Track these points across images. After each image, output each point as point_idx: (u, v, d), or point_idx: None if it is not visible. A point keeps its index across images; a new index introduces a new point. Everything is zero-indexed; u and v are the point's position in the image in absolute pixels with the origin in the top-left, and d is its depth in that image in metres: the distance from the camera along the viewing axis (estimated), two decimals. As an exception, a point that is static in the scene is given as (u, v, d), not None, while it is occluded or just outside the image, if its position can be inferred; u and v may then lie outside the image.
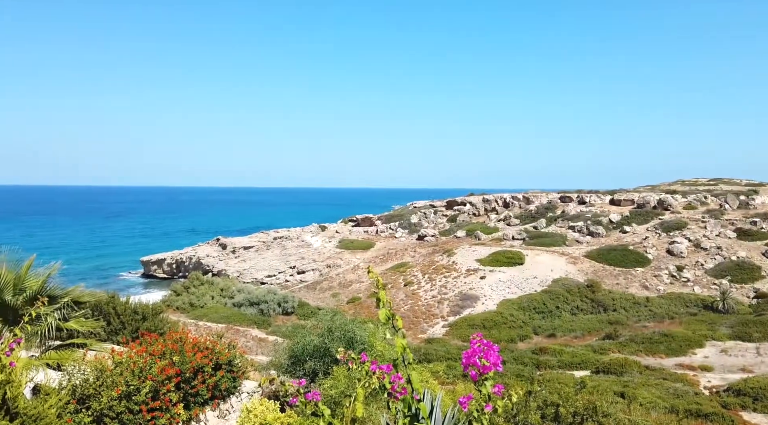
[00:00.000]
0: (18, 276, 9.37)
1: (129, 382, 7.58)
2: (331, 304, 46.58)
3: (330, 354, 10.23)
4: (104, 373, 7.74)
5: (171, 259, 65.08)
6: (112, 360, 8.37)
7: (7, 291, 8.82)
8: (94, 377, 7.53)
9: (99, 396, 7.15)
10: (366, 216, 79.31)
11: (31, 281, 9.25)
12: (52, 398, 6.63)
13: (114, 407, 7.17)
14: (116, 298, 16.06)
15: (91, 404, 7.07)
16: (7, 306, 8.73)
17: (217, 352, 9.34)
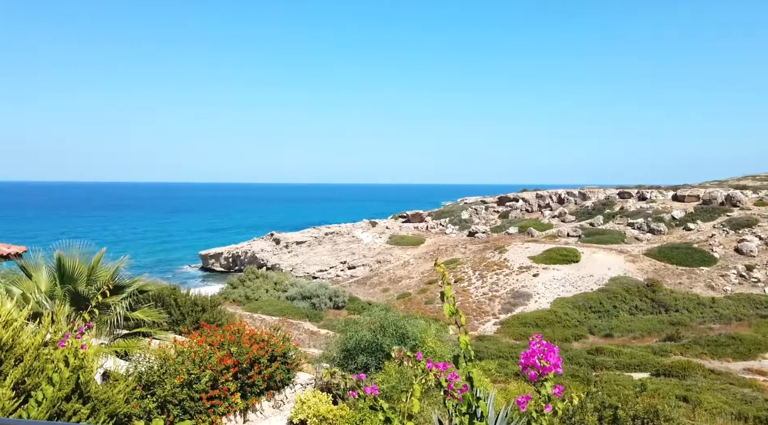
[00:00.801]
0: (90, 268, 9.95)
1: (190, 371, 7.90)
2: (381, 299, 46.86)
3: (382, 350, 10.30)
4: (167, 362, 8.10)
5: (228, 253, 67.29)
6: (175, 350, 8.74)
7: (81, 282, 9.39)
8: (158, 365, 7.90)
9: (163, 384, 7.50)
10: (416, 212, 79.20)
11: (101, 272, 9.81)
12: (120, 384, 7.01)
13: (176, 394, 7.50)
14: (177, 290, 16.79)
15: (155, 390, 7.42)
16: (80, 296, 9.28)
17: (273, 344, 9.59)
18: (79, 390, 6.45)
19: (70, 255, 9.70)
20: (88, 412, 6.31)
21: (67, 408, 6.20)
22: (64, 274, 9.57)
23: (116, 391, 6.70)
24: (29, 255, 12.21)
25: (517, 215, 72.88)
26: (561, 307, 40.79)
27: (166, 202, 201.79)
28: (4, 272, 9.92)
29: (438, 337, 11.81)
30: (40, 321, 7.54)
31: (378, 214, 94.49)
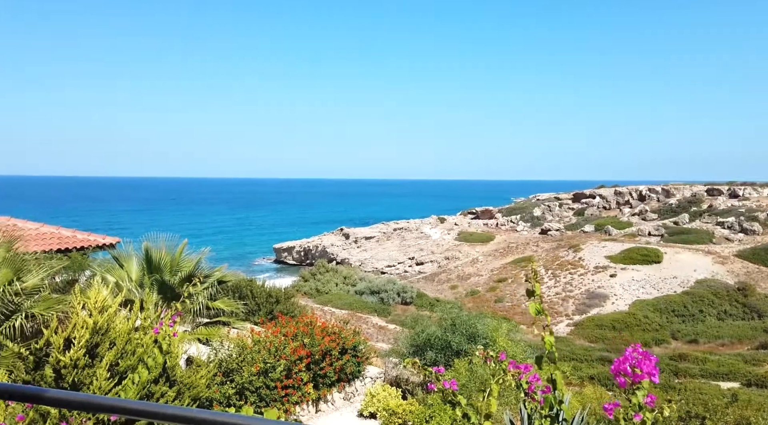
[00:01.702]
0: (173, 258, 10.54)
1: (266, 360, 8.19)
2: (449, 296, 46.52)
3: (451, 347, 10.21)
4: (245, 350, 8.45)
5: (299, 247, 69.27)
6: (251, 339, 9.10)
7: (166, 271, 9.96)
8: (236, 353, 8.25)
9: (241, 371, 7.83)
10: (485, 209, 77.84)
11: (184, 263, 10.36)
12: (203, 369, 7.37)
13: (253, 382, 7.80)
14: (253, 282, 17.48)
15: (234, 377, 7.76)
16: (166, 285, 9.86)
17: (344, 337, 9.76)
18: (166, 373, 6.85)
19: (156, 247, 10.32)
20: (174, 395, 6.69)
21: (155, 390, 6.60)
22: (151, 264, 10.19)
23: (199, 376, 7.06)
24: (121, 246, 13.16)
25: (593, 213, 69.85)
26: (640, 310, 38.70)
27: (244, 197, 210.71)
28: (101, 261, 10.72)
29: (509, 337, 11.55)
30: (131, 307, 8.09)
31: (446, 210, 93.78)
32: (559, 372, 2.41)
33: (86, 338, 6.35)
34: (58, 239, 13.13)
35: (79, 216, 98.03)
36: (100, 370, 6.11)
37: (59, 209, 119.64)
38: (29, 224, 13.38)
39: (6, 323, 7.45)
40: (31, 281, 8.10)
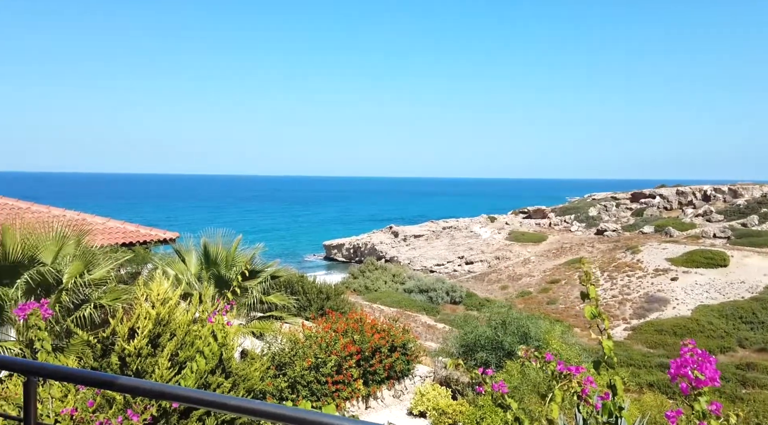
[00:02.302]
0: (229, 253, 10.88)
1: (317, 355, 8.33)
2: (500, 297, 45.78)
3: (502, 348, 10.04)
4: (297, 345, 8.62)
5: (349, 244, 70.00)
6: (303, 334, 9.27)
7: (223, 266, 10.30)
8: (289, 347, 8.43)
9: (293, 365, 7.99)
10: (538, 208, 76.07)
11: (239, 258, 10.67)
12: (257, 362, 7.56)
13: (305, 376, 7.95)
14: (304, 277, 17.82)
15: (286, 371, 7.93)
16: (222, 279, 10.19)
17: (393, 335, 9.78)
18: (222, 365, 7.08)
19: (213, 242, 10.69)
20: (229, 386, 6.91)
21: (212, 380, 6.84)
22: (209, 258, 10.56)
23: (253, 369, 7.25)
24: (182, 240, 13.69)
25: (653, 213, 66.94)
26: (704, 315, 36.77)
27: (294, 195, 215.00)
28: (162, 255, 11.21)
29: (562, 339, 11.24)
30: (190, 300, 8.41)
31: (497, 209, 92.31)
32: (618, 378, 2.32)
33: (149, 328, 6.65)
34: (123, 233, 13.82)
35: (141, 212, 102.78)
36: (162, 359, 6.38)
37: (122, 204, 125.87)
38: (97, 219, 14.14)
39: (76, 312, 7.91)
40: (99, 273, 8.56)
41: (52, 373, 1.64)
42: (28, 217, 11.73)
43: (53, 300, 7.83)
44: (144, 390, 1.34)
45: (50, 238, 8.20)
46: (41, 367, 1.66)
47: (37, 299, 7.81)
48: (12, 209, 13.54)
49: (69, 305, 8.03)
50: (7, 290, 7.47)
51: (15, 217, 11.37)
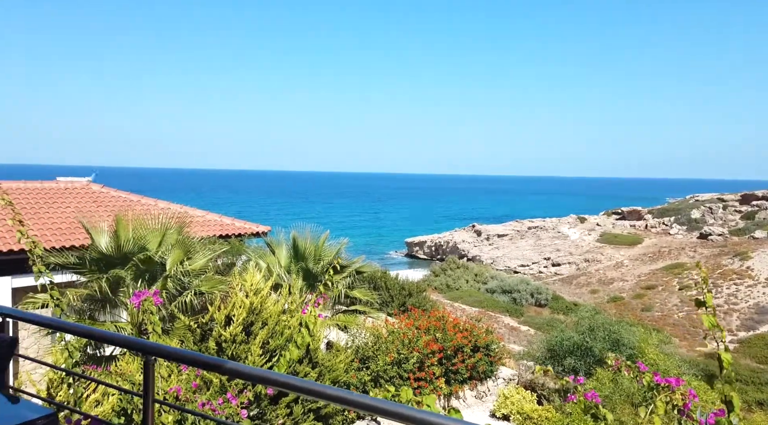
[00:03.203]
0: (317, 248, 11.23)
1: (400, 351, 8.39)
2: (589, 301, 43.68)
3: (592, 354, 9.57)
4: (380, 339, 8.73)
5: (431, 242, 69.88)
6: (386, 329, 9.38)
7: (310, 260, 10.65)
8: (372, 342, 8.56)
9: (376, 360, 8.11)
10: (633, 209, 71.67)
11: (326, 252, 10.99)
12: (342, 354, 7.75)
13: (387, 371, 8.04)
14: (387, 274, 18.01)
15: (370, 365, 8.07)
16: (310, 272, 10.54)
17: (476, 335, 9.64)
18: (309, 355, 7.33)
19: (302, 236, 11.08)
20: (316, 375, 7.14)
21: (299, 369, 7.10)
22: (298, 252, 10.96)
23: (338, 360, 7.44)
24: (273, 234, 14.32)
25: (766, 217, 60.84)
26: (827, 331, 32.89)
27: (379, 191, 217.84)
28: (255, 247, 11.77)
29: (659, 349, 10.52)
30: (279, 291, 8.78)
31: (587, 209, 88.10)
32: (736, 394, 2.12)
33: (243, 316, 7.03)
34: (220, 225, 14.68)
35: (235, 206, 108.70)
36: (254, 347, 6.71)
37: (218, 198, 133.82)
38: (197, 212, 15.13)
39: (179, 298, 8.51)
40: (199, 263, 9.15)
41: (169, 354, 1.78)
42: (138, 209, 12.78)
43: (158, 286, 8.48)
44: (248, 375, 1.40)
45: (155, 228, 8.88)
46: (159, 348, 1.81)
47: (144, 284, 8.52)
48: (124, 201, 14.84)
49: (172, 292, 8.66)
50: (120, 275, 8.19)
51: (127, 209, 12.44)
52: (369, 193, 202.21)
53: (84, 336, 2.19)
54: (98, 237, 8.48)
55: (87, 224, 8.64)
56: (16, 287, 11.25)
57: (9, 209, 3.76)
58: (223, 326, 6.91)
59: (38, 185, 14.56)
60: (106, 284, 7.97)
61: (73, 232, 12.13)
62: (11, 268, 11.05)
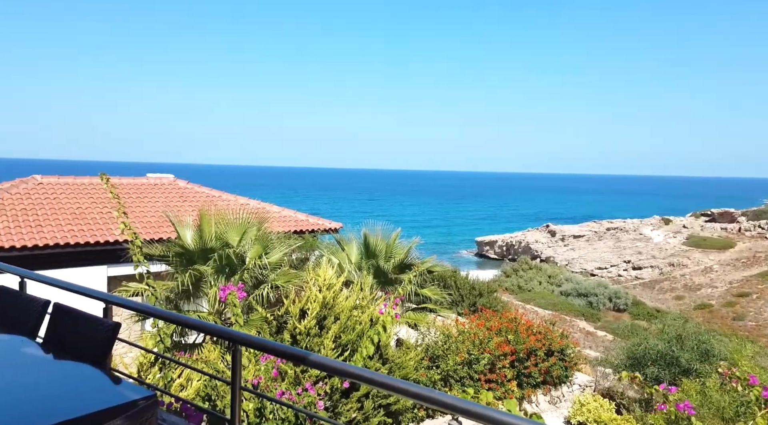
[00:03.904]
0: (388, 245, 11.31)
1: (470, 351, 8.27)
2: (673, 307, 41.10)
3: (678, 364, 8.99)
4: (450, 339, 8.66)
5: (502, 241, 68.48)
6: (456, 329, 9.28)
7: (381, 257, 10.73)
8: (442, 341, 8.50)
9: (446, 359, 8.04)
10: (725, 211, 66.58)
11: (397, 250, 11.03)
12: (411, 352, 7.75)
13: (458, 371, 7.95)
14: (457, 273, 17.84)
15: (440, 364, 8.02)
16: (380, 269, 10.63)
17: (550, 338, 9.34)
18: (379, 351, 7.40)
19: (373, 233, 11.19)
20: (385, 372, 7.19)
21: (370, 365, 7.17)
22: (369, 249, 11.08)
23: (408, 358, 7.46)
24: (344, 231, 14.59)
25: None
26: None
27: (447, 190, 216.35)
28: (327, 243, 12.02)
29: (755, 362, 9.69)
30: (351, 287, 8.92)
31: (672, 211, 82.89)
32: None
33: (317, 310, 7.20)
34: (295, 221, 15.15)
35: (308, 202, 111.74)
36: (327, 340, 6.86)
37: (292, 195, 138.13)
38: (274, 208, 15.69)
39: (256, 291, 8.86)
40: (275, 257, 9.48)
41: (255, 344, 1.85)
42: (220, 204, 13.43)
43: (237, 278, 8.87)
44: (332, 368, 1.43)
45: (236, 224, 9.30)
46: (246, 338, 1.89)
47: (224, 277, 8.94)
48: (207, 197, 15.65)
49: (250, 284, 9.03)
50: (203, 268, 8.64)
51: (210, 204, 13.11)
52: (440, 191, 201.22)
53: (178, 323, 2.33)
54: (183, 231, 8.99)
55: (173, 219, 9.18)
56: (110, 275, 12.19)
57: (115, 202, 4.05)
58: (298, 319, 7.11)
59: (130, 181, 15.67)
60: (190, 276, 8.44)
61: (161, 225, 12.95)
62: (107, 258, 11.99)
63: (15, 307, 2.64)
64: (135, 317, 8.75)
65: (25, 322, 2.52)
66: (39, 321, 2.50)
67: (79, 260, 11.74)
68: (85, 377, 1.99)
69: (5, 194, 12.84)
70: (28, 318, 2.52)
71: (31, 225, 11.76)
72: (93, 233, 12.04)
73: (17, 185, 13.78)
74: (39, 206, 12.74)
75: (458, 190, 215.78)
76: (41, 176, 14.31)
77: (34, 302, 2.56)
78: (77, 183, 14.51)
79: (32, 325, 2.48)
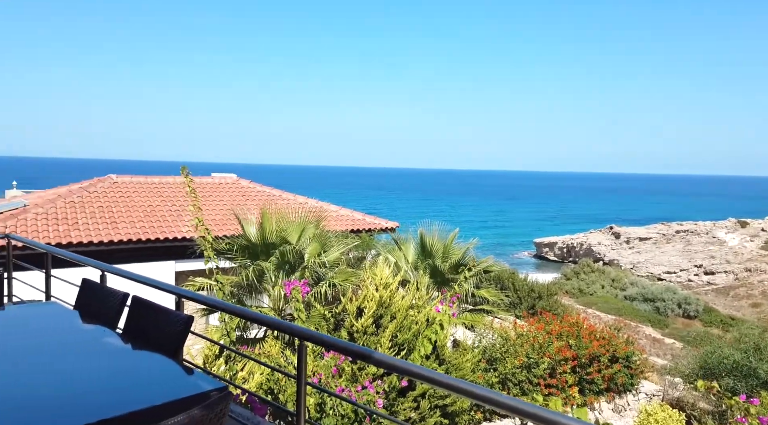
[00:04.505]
0: (444, 246, 11.24)
1: (529, 355, 8.09)
2: (749, 315, 38.53)
3: (756, 376, 8.42)
4: (508, 342, 8.50)
5: (562, 243, 66.51)
6: (515, 331, 9.10)
7: (438, 257, 10.69)
8: (500, 343, 8.36)
9: (504, 362, 7.90)
10: (809, 212, 61.71)
11: (454, 250, 10.94)
12: (468, 353, 7.66)
13: (516, 374, 7.80)
14: (515, 274, 17.48)
15: (497, 366, 7.89)
16: (437, 269, 10.58)
17: (614, 345, 9.00)
18: (436, 351, 7.37)
19: (429, 233, 11.15)
20: (442, 372, 7.15)
21: (426, 365, 7.14)
22: (425, 249, 11.06)
23: (465, 359, 7.38)
24: (401, 230, 14.63)
25: None
26: None
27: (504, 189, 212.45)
28: (383, 242, 12.10)
29: None
30: (407, 287, 8.93)
31: (750, 212, 77.73)
32: None
33: (373, 309, 7.26)
34: (352, 220, 15.34)
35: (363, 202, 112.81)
36: (384, 339, 6.90)
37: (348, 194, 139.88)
38: (331, 207, 15.95)
39: (315, 288, 9.04)
40: (333, 255, 9.64)
41: (322, 341, 1.89)
42: (280, 203, 13.80)
43: (297, 276, 9.08)
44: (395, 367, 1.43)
45: (296, 222, 9.52)
46: (313, 335, 1.93)
47: (284, 274, 9.17)
48: (268, 196, 16.12)
49: (308, 282, 9.22)
50: (264, 264, 8.90)
51: (270, 203, 13.50)
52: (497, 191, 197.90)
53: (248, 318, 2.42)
54: (248, 228, 9.29)
55: (240, 216, 9.51)
56: (178, 270, 12.80)
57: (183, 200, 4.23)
58: (355, 317, 7.19)
59: (197, 180, 16.38)
60: (253, 272, 8.72)
61: (225, 223, 13.46)
62: (175, 253, 12.59)
63: (98, 299, 2.82)
64: (201, 311, 9.13)
65: (106, 313, 2.69)
66: (119, 313, 2.66)
67: (150, 256, 12.40)
68: (162, 367, 2.10)
69: (84, 193, 13.74)
70: (110, 310, 2.69)
71: (107, 222, 12.52)
72: (162, 229, 12.68)
73: (95, 183, 14.71)
74: (114, 203, 13.55)
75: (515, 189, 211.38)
76: (116, 176, 15.21)
77: (114, 295, 2.73)
78: (148, 182, 15.32)
79: (113, 316, 2.65)
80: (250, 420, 2.68)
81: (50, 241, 11.07)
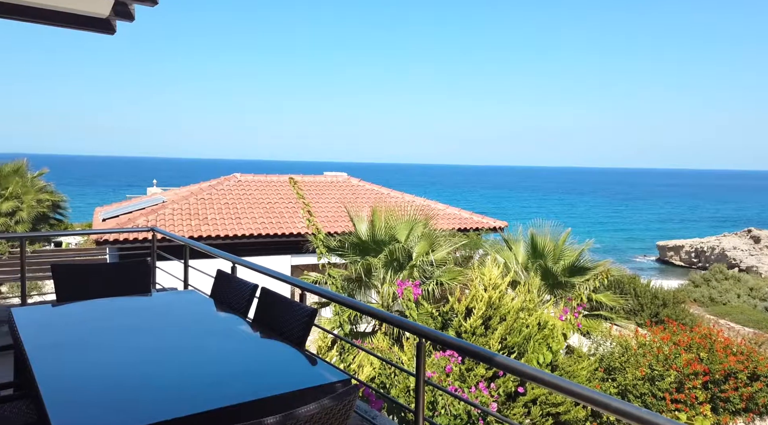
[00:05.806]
0: (557, 246, 10.75)
1: (653, 366, 7.50)
2: None
3: None
4: (629, 351, 7.95)
5: (689, 247, 60.70)
6: (636, 340, 8.49)
7: (549, 258, 10.25)
8: (619, 352, 7.84)
9: (624, 372, 7.40)
10: None
11: (567, 252, 10.43)
12: (584, 361, 7.27)
13: (638, 386, 7.26)
14: (637, 279, 16.29)
15: (616, 377, 7.40)
16: (549, 271, 10.15)
17: (755, 360, 8.06)
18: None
19: (540, 233, 10.73)
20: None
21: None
22: (536, 250, 10.65)
23: (580, 367, 7.01)
24: (510, 229, 14.25)
25: None
26: None
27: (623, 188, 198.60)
28: (492, 242, 11.85)
29: None
30: (517, 288, 8.67)
31: None
32: None
33: (482, 310, 7.15)
34: (459, 219, 15.21)
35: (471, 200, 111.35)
36: (493, 341, 6.77)
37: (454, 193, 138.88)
38: (439, 205, 15.95)
39: (422, 286, 9.09)
40: (440, 254, 9.62)
41: (441, 340, 1.90)
42: (389, 201, 14.05)
43: (405, 274, 9.19)
44: (520, 372, 1.40)
45: (405, 220, 9.64)
46: (432, 333, 1.95)
47: (392, 271, 9.33)
48: (377, 194, 16.49)
49: (416, 280, 9.30)
50: (373, 260, 9.12)
51: (379, 201, 13.79)
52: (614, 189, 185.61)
53: (365, 313, 2.50)
54: (359, 225, 9.58)
55: (351, 213, 9.83)
56: (293, 264, 13.54)
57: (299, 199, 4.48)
58: (464, 317, 7.12)
59: (310, 179, 17.20)
60: (362, 268, 8.97)
61: (336, 219, 13.99)
62: (291, 248, 13.33)
63: (230, 288, 3.07)
64: (314, 304, 9.57)
65: (238, 302, 2.92)
66: (249, 302, 2.88)
67: (269, 250, 13.24)
68: (289, 356, 2.23)
69: (213, 190, 15.01)
70: (241, 299, 2.92)
71: (232, 217, 13.57)
72: (280, 225, 13.48)
73: (221, 182, 16.01)
74: (238, 200, 14.65)
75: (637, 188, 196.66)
76: (240, 174, 16.43)
77: (245, 285, 2.96)
78: (268, 181, 16.37)
79: (244, 305, 2.87)
80: (368, 413, 2.76)
81: (184, 234, 12.23)
